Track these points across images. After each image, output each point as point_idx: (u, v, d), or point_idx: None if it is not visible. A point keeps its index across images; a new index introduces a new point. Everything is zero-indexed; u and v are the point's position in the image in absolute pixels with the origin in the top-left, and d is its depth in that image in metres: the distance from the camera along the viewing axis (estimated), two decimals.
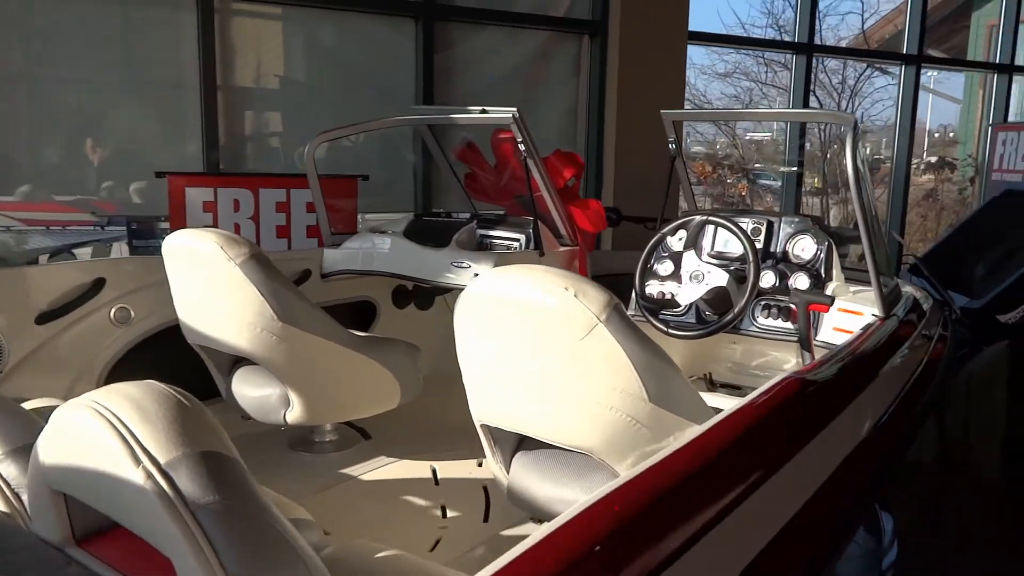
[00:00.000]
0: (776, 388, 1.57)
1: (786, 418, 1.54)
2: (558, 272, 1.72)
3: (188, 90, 4.67)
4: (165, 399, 1.03)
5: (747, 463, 1.39)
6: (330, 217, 3.73)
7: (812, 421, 1.66)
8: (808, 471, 1.62)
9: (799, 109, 6.04)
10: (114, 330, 2.87)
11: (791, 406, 1.57)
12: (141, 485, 0.91)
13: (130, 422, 0.97)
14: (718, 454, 1.33)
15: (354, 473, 2.78)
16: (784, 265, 2.67)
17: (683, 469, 1.24)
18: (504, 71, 5.56)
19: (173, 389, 1.06)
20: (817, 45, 6.81)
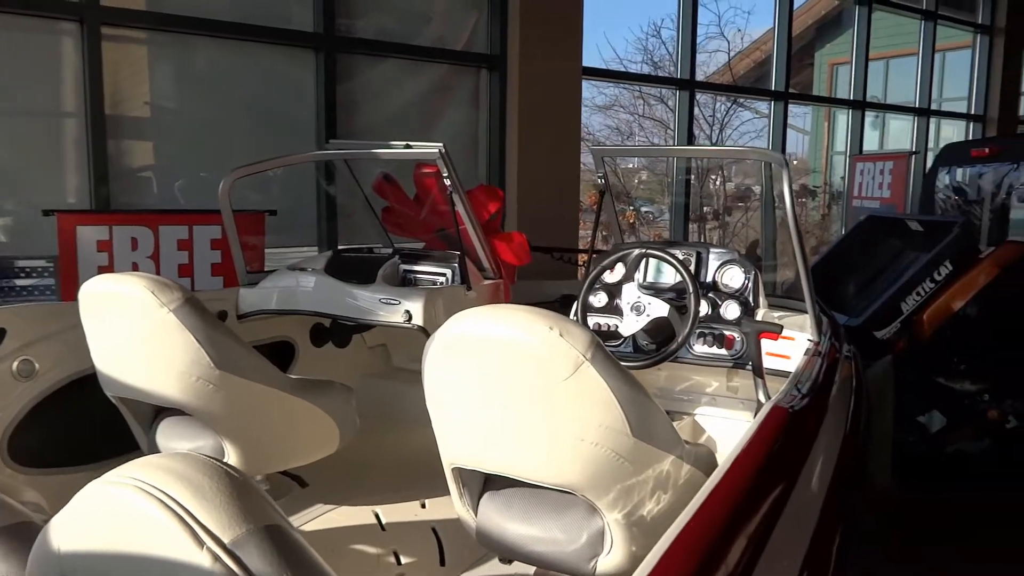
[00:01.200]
0: (770, 421, 1.64)
1: (784, 449, 1.61)
2: (539, 311, 1.73)
3: (71, 119, 4.37)
4: (214, 472, 0.95)
5: (765, 499, 1.44)
6: None
7: (801, 449, 1.74)
8: (808, 501, 1.70)
9: (727, 147, 6.35)
10: (16, 385, 2.62)
11: (786, 436, 1.64)
12: (208, 569, 0.83)
13: (185, 500, 0.88)
14: (744, 495, 1.37)
15: (293, 524, 2.64)
16: (715, 294, 2.80)
17: (715, 517, 1.26)
18: (405, 103, 5.55)
19: (215, 460, 0.98)
20: (699, 81, 7.21)
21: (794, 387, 1.93)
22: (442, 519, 2.73)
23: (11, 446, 2.60)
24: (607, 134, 10.66)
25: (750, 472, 1.47)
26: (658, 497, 1.86)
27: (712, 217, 9.50)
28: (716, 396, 3.32)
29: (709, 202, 10.19)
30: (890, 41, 9.95)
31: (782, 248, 6.28)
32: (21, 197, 4.34)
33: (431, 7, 5.64)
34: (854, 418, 2.30)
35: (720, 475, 1.38)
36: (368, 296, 3.22)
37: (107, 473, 0.96)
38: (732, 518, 1.32)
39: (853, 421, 2.28)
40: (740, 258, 2.84)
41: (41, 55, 4.29)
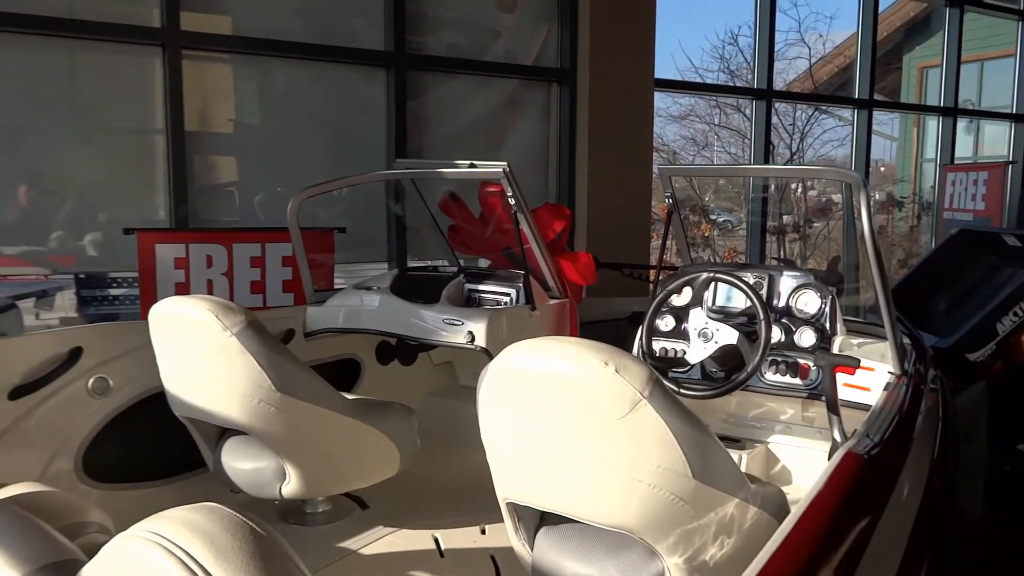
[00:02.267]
0: (843, 468, 1.53)
1: (859, 494, 1.51)
2: (594, 345, 1.66)
3: (153, 139, 4.53)
4: (237, 528, 0.92)
5: (840, 545, 1.34)
6: None
7: (880, 491, 1.62)
8: (891, 538, 1.59)
9: (803, 166, 6.14)
10: (92, 402, 2.70)
11: (861, 482, 1.54)
12: None
13: (206, 561, 0.86)
14: (818, 544, 1.27)
15: (353, 546, 2.64)
16: (788, 319, 2.67)
17: (789, 567, 1.18)
18: (475, 119, 5.56)
19: (241, 514, 0.96)
20: (776, 91, 6.99)
21: (871, 428, 1.81)
22: (501, 547, 2.67)
23: (85, 462, 2.68)
24: (682, 144, 10.51)
25: (824, 521, 1.37)
26: (722, 542, 1.76)
27: (792, 229, 9.19)
28: (791, 424, 3.17)
29: (789, 212, 9.87)
30: (984, 43, 9.46)
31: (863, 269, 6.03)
32: (107, 214, 4.53)
33: (500, 22, 5.64)
34: (941, 449, 2.14)
35: (793, 522, 1.29)
36: (432, 316, 3.21)
37: (135, 525, 0.95)
38: (807, 566, 1.23)
39: (940, 453, 2.13)
40: (816, 282, 2.70)
41: (125, 79, 4.47)
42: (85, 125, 4.46)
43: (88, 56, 4.33)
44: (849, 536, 1.39)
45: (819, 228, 9.61)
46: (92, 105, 4.44)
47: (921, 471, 1.85)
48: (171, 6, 4.33)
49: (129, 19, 4.34)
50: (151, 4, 4.36)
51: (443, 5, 5.31)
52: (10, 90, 4.17)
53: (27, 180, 4.35)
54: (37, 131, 4.32)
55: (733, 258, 8.09)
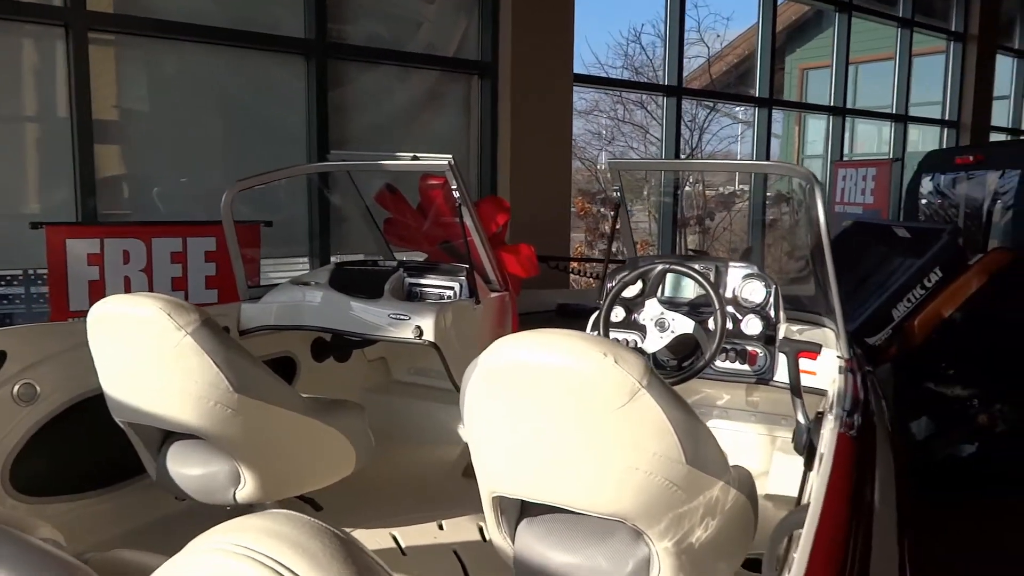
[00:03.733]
0: (842, 451, 1.61)
1: (857, 476, 1.59)
2: (590, 337, 1.68)
3: (56, 127, 4.23)
4: (324, 535, 0.88)
5: (860, 526, 1.41)
6: None
7: (870, 470, 1.72)
8: (887, 515, 1.68)
9: (754, 161, 6.34)
10: (18, 410, 2.50)
11: (856, 464, 1.62)
12: None
13: (299, 567, 0.82)
14: (845, 526, 1.33)
15: None
16: (735, 308, 2.77)
17: (828, 554, 1.23)
18: (397, 110, 5.48)
19: (313, 520, 0.91)
20: (686, 88, 7.23)
21: (844, 410, 1.91)
22: (462, 541, 2.67)
23: (12, 475, 2.48)
24: (588, 139, 10.69)
25: (844, 502, 1.44)
26: (707, 524, 1.82)
27: (695, 221, 9.54)
28: (728, 408, 3.30)
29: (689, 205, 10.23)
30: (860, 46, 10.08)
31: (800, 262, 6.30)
32: (5, 207, 4.20)
33: (421, 13, 5.58)
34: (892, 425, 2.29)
35: (817, 513, 1.34)
36: (377, 311, 3.15)
37: (200, 540, 0.89)
38: (843, 546, 1.29)
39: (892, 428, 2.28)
40: (761, 272, 2.82)
41: (25, 63, 4.15)
42: None
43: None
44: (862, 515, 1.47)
45: (719, 220, 10.01)
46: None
47: (885, 448, 1.98)
48: None
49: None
50: None
51: None
52: None
53: None
54: None
55: (646, 250, 8.32)
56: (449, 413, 3.61)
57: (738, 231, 9.84)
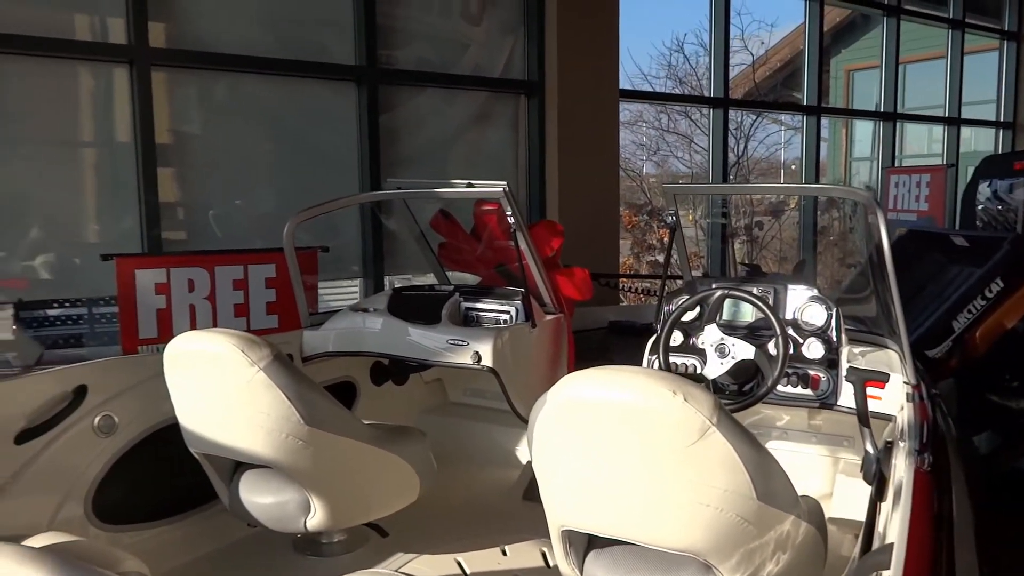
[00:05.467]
0: (918, 486, 1.61)
1: (936, 513, 1.59)
2: (657, 374, 1.70)
3: (122, 159, 4.39)
4: None
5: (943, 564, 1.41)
6: None
7: (945, 508, 1.71)
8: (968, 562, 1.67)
9: (811, 184, 6.27)
10: (99, 441, 2.60)
11: (935, 500, 1.61)
12: None
13: None
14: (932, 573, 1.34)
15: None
16: (796, 332, 2.75)
17: None
18: (445, 131, 5.56)
19: None
20: (732, 99, 7.18)
21: (914, 441, 1.90)
22: (526, 567, 2.69)
23: (95, 504, 2.58)
24: (632, 150, 10.68)
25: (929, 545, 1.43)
26: (778, 558, 1.82)
27: (743, 231, 9.44)
28: (788, 430, 3.27)
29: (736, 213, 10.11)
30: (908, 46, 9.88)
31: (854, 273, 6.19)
32: (74, 237, 4.37)
33: (468, 36, 5.65)
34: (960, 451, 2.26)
35: (903, 557, 1.34)
36: (435, 337, 3.20)
37: None
38: None
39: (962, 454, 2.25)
40: (821, 295, 2.80)
41: (93, 97, 4.32)
42: (51, 143, 4.30)
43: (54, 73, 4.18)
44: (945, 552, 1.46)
45: (767, 229, 9.89)
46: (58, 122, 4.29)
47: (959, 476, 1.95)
48: (139, 23, 4.20)
49: (97, 36, 4.20)
50: (119, 20, 4.23)
51: (412, 18, 5.30)
52: None
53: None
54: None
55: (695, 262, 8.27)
56: (506, 435, 3.64)
57: (787, 240, 9.71)
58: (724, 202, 7.09)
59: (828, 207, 10.10)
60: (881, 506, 2.10)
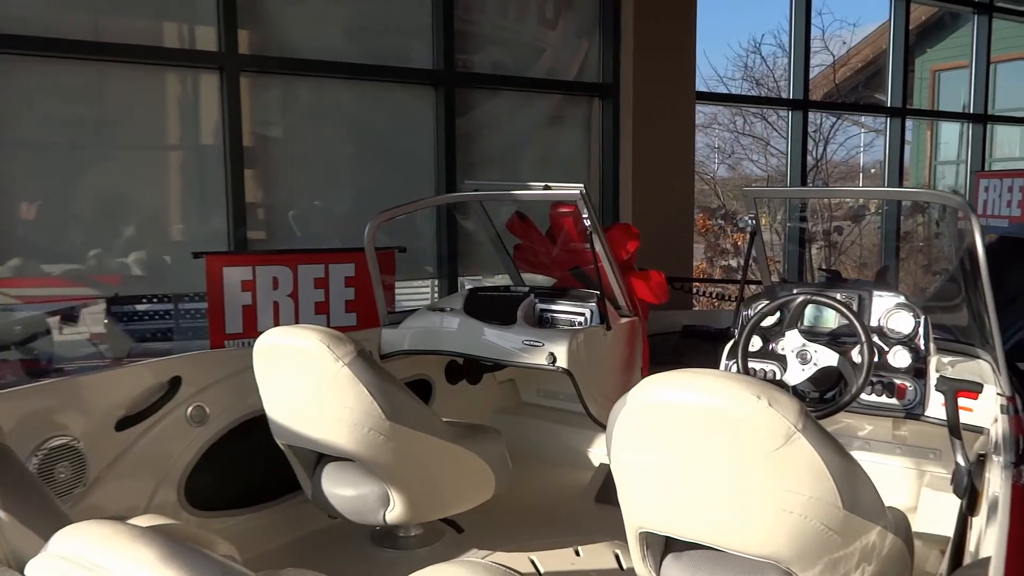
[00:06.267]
0: (1016, 502, 1.56)
1: None
2: (741, 378, 1.68)
3: (211, 161, 4.58)
4: None
5: None
6: None
7: None
8: None
9: (898, 188, 6.11)
10: (191, 430, 2.73)
11: None
12: None
13: None
14: None
15: None
16: (881, 339, 2.69)
17: None
18: (520, 134, 5.60)
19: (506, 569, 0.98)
20: (812, 101, 7.02)
21: (1011, 455, 1.83)
22: (599, 569, 2.70)
23: (186, 490, 2.71)
24: (706, 153, 10.54)
25: None
26: (863, 569, 1.78)
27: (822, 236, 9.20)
28: (870, 440, 3.19)
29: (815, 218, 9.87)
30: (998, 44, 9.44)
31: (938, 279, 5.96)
32: (164, 235, 4.58)
33: (543, 39, 5.68)
34: None
35: (1000, 568, 1.30)
36: (511, 337, 3.24)
37: None
38: None
39: None
40: (909, 302, 2.73)
41: (184, 102, 4.52)
42: (144, 147, 4.52)
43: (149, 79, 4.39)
44: None
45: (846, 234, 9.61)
46: (151, 126, 4.50)
47: None
48: (229, 31, 4.37)
49: (188, 44, 4.40)
50: (210, 28, 4.41)
51: (489, 23, 5.36)
52: (68, 112, 4.23)
53: (88, 201, 4.41)
54: (98, 152, 4.37)
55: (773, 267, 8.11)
56: (578, 436, 3.66)
57: (868, 245, 9.41)
58: (803, 206, 6.92)
59: (912, 212, 9.74)
60: (973, 521, 2.04)
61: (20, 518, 1.51)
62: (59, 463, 2.34)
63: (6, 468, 1.56)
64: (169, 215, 4.68)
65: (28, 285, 4.49)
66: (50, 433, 2.33)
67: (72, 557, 1.27)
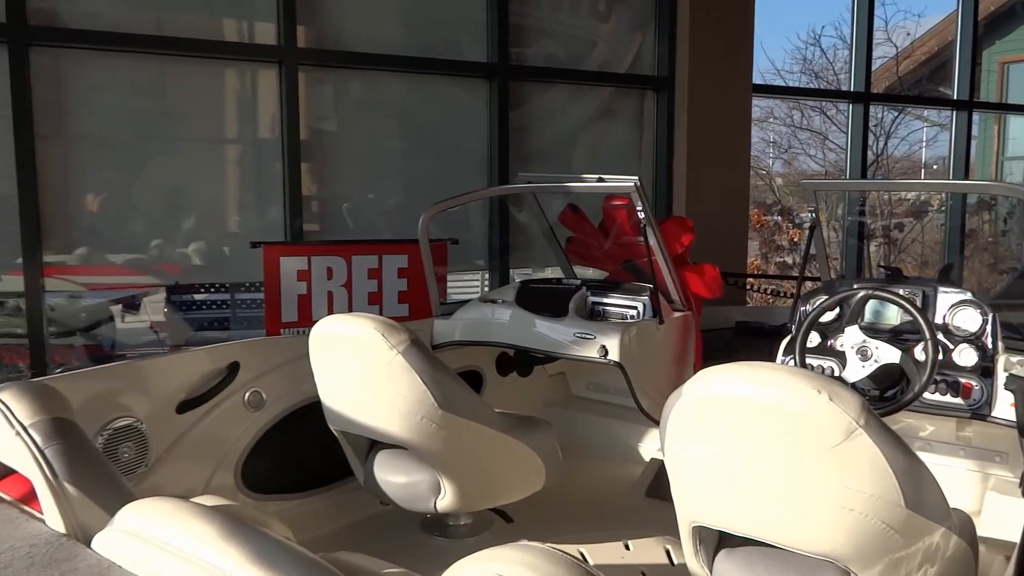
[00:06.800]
0: None
1: None
2: (801, 372, 1.65)
3: (267, 153, 4.67)
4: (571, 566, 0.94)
5: None
6: None
7: None
8: None
9: (968, 180, 5.92)
10: (248, 415, 2.79)
11: None
12: None
13: None
14: None
15: None
16: (946, 337, 2.61)
17: None
18: (572, 127, 5.58)
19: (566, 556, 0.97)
20: (874, 94, 6.83)
21: None
22: (650, 563, 2.68)
23: (244, 473, 2.77)
24: (762, 147, 10.34)
25: None
26: (924, 571, 1.73)
27: (881, 232, 8.95)
28: (932, 441, 3.10)
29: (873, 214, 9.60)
30: None
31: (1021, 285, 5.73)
32: (222, 226, 4.69)
33: (597, 32, 5.65)
34: None
35: None
36: (563, 330, 3.23)
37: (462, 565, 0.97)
38: None
39: None
40: (975, 298, 2.64)
41: (242, 95, 4.61)
42: (204, 140, 4.63)
43: (209, 73, 4.49)
44: None
45: (907, 231, 9.33)
46: (212, 120, 4.60)
47: None
48: (288, 25, 4.45)
49: (249, 38, 4.49)
50: (269, 24, 4.50)
51: (542, 17, 5.34)
52: (132, 106, 4.35)
53: (150, 193, 4.53)
54: (160, 145, 4.49)
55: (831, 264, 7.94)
56: (629, 431, 3.63)
57: (930, 243, 9.13)
58: (863, 200, 6.74)
59: (978, 209, 9.42)
60: None
61: (87, 493, 1.55)
62: (123, 443, 2.42)
63: (74, 444, 1.61)
64: (228, 207, 4.78)
65: (93, 273, 4.63)
66: (115, 414, 2.41)
67: (137, 532, 1.31)
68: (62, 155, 4.17)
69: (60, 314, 4.79)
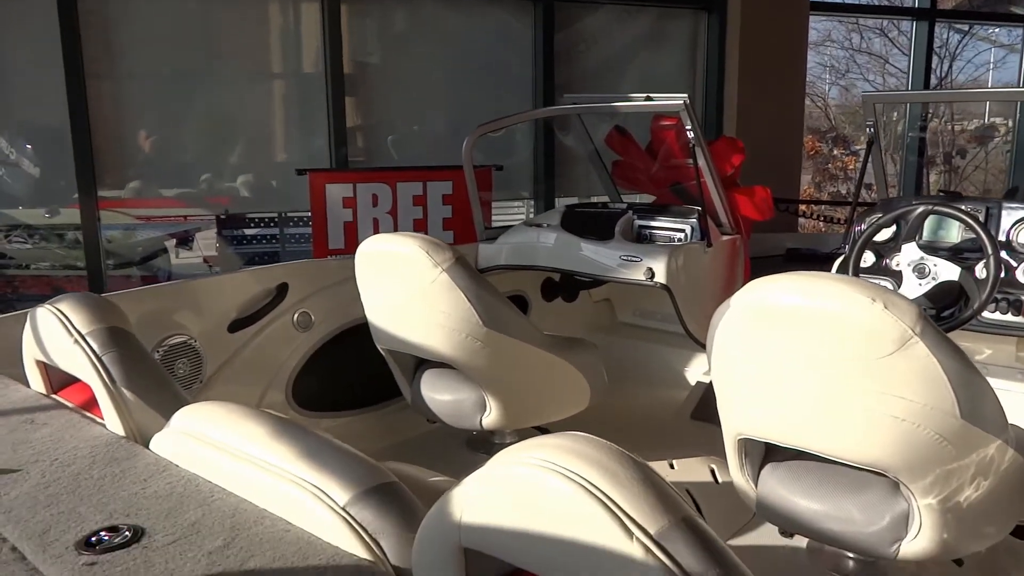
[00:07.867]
0: None
1: None
2: (857, 281, 1.60)
3: (312, 83, 4.65)
4: (625, 460, 0.93)
5: None
6: None
7: None
8: None
9: None
10: (297, 335, 2.84)
11: None
12: (640, 560, 0.83)
13: (606, 488, 0.88)
14: None
15: None
16: (1009, 254, 2.51)
17: None
18: (620, 50, 5.43)
19: (611, 444, 0.97)
20: (940, 10, 6.48)
21: None
22: (694, 481, 2.69)
23: (294, 392, 2.84)
24: (818, 72, 9.95)
25: None
26: (978, 483, 1.70)
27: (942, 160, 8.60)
28: (989, 364, 3.01)
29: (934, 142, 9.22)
30: None
31: None
32: (270, 160, 4.72)
33: None
34: None
35: None
36: (608, 253, 3.19)
37: (506, 454, 0.97)
38: None
39: None
40: None
41: (284, 28, 4.58)
42: (250, 73, 4.63)
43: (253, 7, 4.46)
44: None
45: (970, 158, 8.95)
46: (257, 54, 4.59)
47: None
48: None
49: None
50: None
51: None
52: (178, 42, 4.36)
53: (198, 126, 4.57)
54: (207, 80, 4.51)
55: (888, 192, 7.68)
56: (675, 355, 3.61)
57: (994, 171, 8.75)
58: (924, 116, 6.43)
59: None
60: None
61: (144, 398, 1.60)
62: (179, 359, 2.49)
63: (132, 352, 1.66)
64: (274, 139, 4.81)
65: (146, 205, 4.74)
66: (170, 331, 2.47)
67: (193, 432, 1.35)
68: (113, 93, 4.22)
69: (116, 246, 4.93)
